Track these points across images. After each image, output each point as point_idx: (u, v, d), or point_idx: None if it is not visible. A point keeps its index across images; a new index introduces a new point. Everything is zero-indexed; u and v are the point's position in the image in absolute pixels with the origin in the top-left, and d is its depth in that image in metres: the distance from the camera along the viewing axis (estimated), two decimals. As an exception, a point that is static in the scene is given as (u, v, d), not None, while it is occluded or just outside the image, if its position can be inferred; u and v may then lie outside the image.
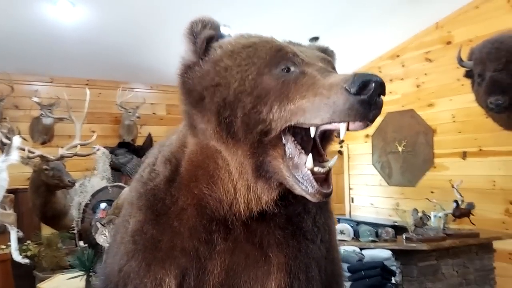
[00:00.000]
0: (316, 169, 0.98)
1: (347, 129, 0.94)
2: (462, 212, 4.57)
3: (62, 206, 4.76)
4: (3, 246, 4.23)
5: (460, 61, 4.92)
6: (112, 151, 5.73)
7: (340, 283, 1.34)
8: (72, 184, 4.54)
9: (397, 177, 6.44)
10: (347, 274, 3.88)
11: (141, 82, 6.81)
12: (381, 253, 4.13)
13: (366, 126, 0.95)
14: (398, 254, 4.30)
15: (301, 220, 1.19)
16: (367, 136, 6.94)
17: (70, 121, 4.82)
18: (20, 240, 4.11)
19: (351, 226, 4.70)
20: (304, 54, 1.07)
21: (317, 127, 0.97)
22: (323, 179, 0.98)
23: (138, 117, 6.33)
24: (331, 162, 1.02)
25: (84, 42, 5.20)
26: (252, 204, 1.08)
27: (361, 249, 4.26)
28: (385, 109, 6.48)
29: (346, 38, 5.84)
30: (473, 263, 4.50)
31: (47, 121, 5.68)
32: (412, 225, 4.46)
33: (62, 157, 4.43)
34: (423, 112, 6.14)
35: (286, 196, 1.09)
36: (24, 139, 4.91)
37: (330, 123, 0.94)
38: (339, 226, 4.69)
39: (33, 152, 4.20)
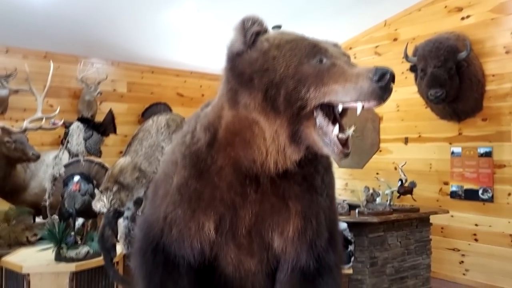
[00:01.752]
0: (340, 135, 1.26)
1: (363, 107, 1.24)
2: (405, 190, 5.14)
3: (21, 180, 4.64)
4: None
5: (406, 57, 5.52)
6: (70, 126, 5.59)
7: (338, 227, 1.70)
8: (37, 157, 4.44)
9: (347, 159, 6.96)
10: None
11: (102, 57, 6.64)
12: (341, 225, 4.57)
13: (379, 104, 1.24)
14: (351, 226, 4.76)
15: (313, 178, 1.49)
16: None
17: (25, 94, 4.67)
18: None
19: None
20: (332, 50, 1.35)
21: (342, 104, 1.26)
22: (345, 143, 1.28)
23: (100, 93, 6.21)
24: (350, 131, 1.31)
25: (43, 13, 4.98)
26: (280, 164, 1.36)
27: (319, 222, 4.70)
28: (338, 97, 7.03)
29: (305, 28, 6.15)
30: (413, 235, 5.10)
31: (2, 92, 5.40)
32: (364, 201, 4.96)
33: (25, 130, 4.32)
34: (371, 101, 6.70)
35: (303, 160, 1.37)
36: None
37: (356, 101, 1.23)
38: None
39: None
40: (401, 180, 5.14)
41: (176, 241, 1.47)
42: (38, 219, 4.60)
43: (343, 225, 4.58)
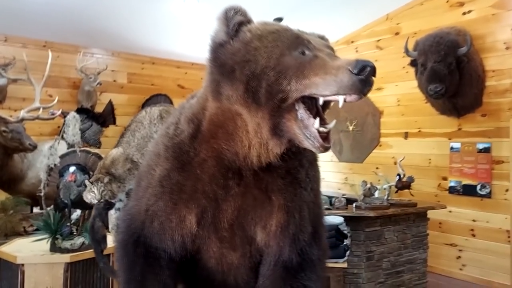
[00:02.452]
0: (320, 129, 1.24)
1: (344, 101, 1.21)
2: (403, 184, 5.12)
3: (18, 170, 4.63)
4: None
5: (406, 51, 5.49)
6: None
7: (322, 222, 1.70)
8: (33, 147, 4.42)
9: (347, 153, 6.99)
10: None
11: (102, 48, 6.63)
12: (335, 219, 4.57)
13: (360, 98, 1.22)
14: (348, 220, 4.77)
15: (297, 172, 1.48)
16: (319, 116, 7.38)
17: (24, 83, 4.64)
18: None
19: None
20: (315, 41, 1.34)
21: (323, 97, 1.23)
22: (325, 137, 1.25)
23: (99, 84, 6.20)
24: (331, 124, 1.28)
25: (43, 1, 4.98)
26: (263, 157, 1.35)
27: (316, 215, 4.71)
28: (338, 91, 7.00)
29: (306, 22, 6.16)
30: (410, 229, 5.10)
31: (0, 81, 5.41)
32: (361, 195, 4.96)
33: (22, 120, 4.28)
34: (372, 95, 6.65)
35: (287, 153, 1.35)
36: None
37: (336, 94, 1.20)
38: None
39: None
40: (399, 175, 5.13)
41: (157, 234, 1.47)
42: (36, 209, 4.62)
43: (339, 219, 4.59)
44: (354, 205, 4.99)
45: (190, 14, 5.75)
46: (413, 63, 5.50)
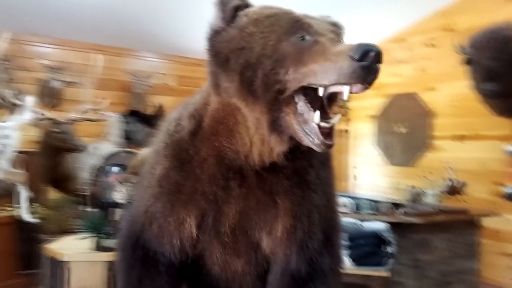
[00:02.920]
0: (322, 124, 1.12)
1: (350, 92, 1.10)
2: (454, 190, 4.87)
3: (70, 169, 4.78)
4: (9, 208, 4.28)
5: (459, 48, 5.17)
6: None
7: (337, 228, 1.53)
8: (82, 148, 4.58)
9: (398, 157, 6.73)
10: (347, 242, 4.19)
11: (152, 51, 6.75)
12: (379, 225, 4.42)
13: (365, 89, 1.10)
14: (394, 226, 4.59)
15: (306, 173, 1.36)
16: (372, 117, 7.18)
17: (78, 86, 4.83)
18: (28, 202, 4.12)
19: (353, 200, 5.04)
20: (317, 26, 1.21)
21: (325, 88, 1.12)
22: (328, 133, 1.13)
23: (150, 87, 6.35)
24: (335, 119, 1.16)
25: (95, 6, 5.15)
26: (265, 156, 1.25)
27: (361, 221, 4.56)
28: (390, 91, 6.77)
29: (352, 18, 5.97)
30: (461, 237, 4.81)
31: (55, 84, 5.69)
32: (408, 200, 4.77)
33: (72, 121, 4.47)
34: (424, 95, 6.38)
35: (294, 151, 1.24)
36: None
37: (336, 84, 1.08)
38: (340, 200, 5.00)
39: (43, 114, 4.20)
40: (450, 179, 4.87)
41: (155, 237, 1.39)
42: (83, 208, 4.84)
43: (382, 225, 4.44)
44: (400, 210, 4.81)
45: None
46: (467, 61, 5.18)
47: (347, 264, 4.07)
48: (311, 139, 1.12)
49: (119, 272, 1.51)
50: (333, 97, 1.19)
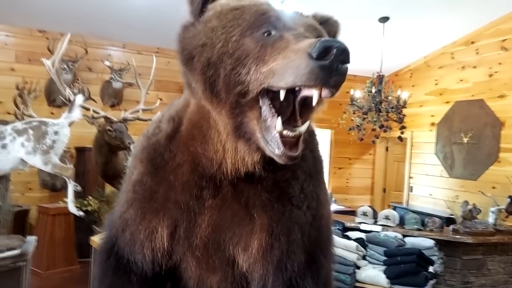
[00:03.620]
0: (285, 132, 0.98)
1: (320, 96, 0.95)
2: (517, 209, 4.40)
3: (122, 166, 4.85)
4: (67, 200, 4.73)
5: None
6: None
7: (326, 250, 1.34)
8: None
9: (459, 169, 6.23)
10: (383, 258, 3.97)
11: None
12: (424, 242, 4.13)
13: (331, 94, 0.94)
14: (442, 244, 4.27)
15: (288, 186, 1.21)
16: (432, 124, 6.72)
17: (137, 87, 4.86)
18: (82, 195, 4.38)
19: (404, 213, 4.75)
20: (288, 19, 1.07)
21: (286, 90, 0.97)
22: (293, 143, 1.00)
23: None
24: (302, 127, 1.02)
25: (155, 10, 5.24)
26: (239, 164, 1.11)
27: (404, 236, 4.30)
28: (454, 98, 6.33)
29: (416, 20, 5.66)
30: (522, 262, 4.35)
31: (116, 85, 5.93)
32: (460, 217, 4.39)
33: (125, 120, 4.54)
34: (493, 103, 5.82)
35: (275, 161, 1.06)
36: (94, 100, 5.15)
37: (293, 86, 0.94)
38: (385, 212, 4.75)
39: (98, 113, 4.34)
40: (510, 197, 4.41)
41: (127, 245, 1.29)
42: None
43: (429, 242, 4.14)
44: (451, 228, 4.46)
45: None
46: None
47: (382, 281, 3.86)
48: (272, 149, 0.99)
49: (94, 278, 1.45)
50: (308, 103, 1.01)
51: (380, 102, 5.23)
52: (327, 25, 1.24)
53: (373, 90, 5.22)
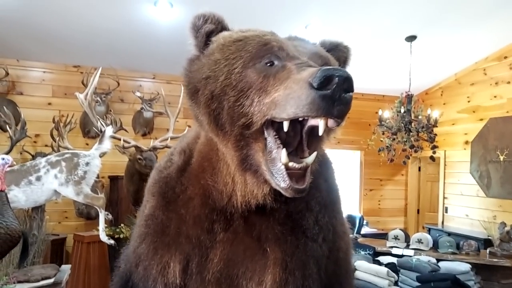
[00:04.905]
0: (291, 164, 0.96)
1: (326, 126, 0.94)
2: (560, 231, 4.17)
3: None
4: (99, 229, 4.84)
5: None
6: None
7: (345, 284, 1.31)
8: None
9: (497, 188, 5.97)
10: (416, 284, 3.83)
11: None
12: (459, 266, 3.97)
13: (337, 124, 0.93)
14: (480, 268, 4.09)
15: (302, 217, 1.18)
16: (466, 142, 6.51)
17: (166, 115, 5.02)
18: (114, 223, 4.49)
19: (438, 236, 4.58)
20: (295, 48, 1.07)
21: (289, 121, 0.97)
22: (300, 175, 0.98)
23: None
24: (310, 158, 1.00)
25: (182, 41, 5.58)
26: (249, 197, 1.10)
27: (438, 260, 4.15)
28: (488, 114, 6.13)
29: (444, 37, 5.56)
30: None
31: (147, 114, 6.09)
32: (497, 240, 4.20)
33: (154, 148, 4.66)
34: (530, 120, 5.61)
35: None
36: (126, 130, 5.35)
37: (295, 117, 0.93)
38: (417, 235, 4.61)
39: (129, 142, 4.47)
40: (552, 218, 4.18)
41: (141, 280, 1.28)
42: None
43: (465, 267, 3.97)
44: (488, 251, 4.27)
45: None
46: None
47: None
48: (277, 182, 0.97)
49: None
50: (316, 133, 0.99)
51: (409, 121, 5.13)
52: (337, 51, 1.23)
53: (402, 110, 5.14)
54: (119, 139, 4.37)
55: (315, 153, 1.01)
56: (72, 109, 5.34)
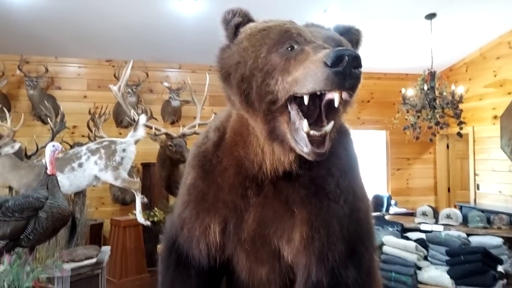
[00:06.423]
0: (312, 132, 1.12)
1: (341, 98, 1.09)
2: None
3: None
4: (136, 212, 5.05)
5: None
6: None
7: (366, 242, 1.42)
8: None
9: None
10: (446, 257, 3.85)
11: None
12: (491, 241, 3.96)
13: (350, 96, 1.08)
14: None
15: (324, 182, 1.34)
16: (495, 117, 6.40)
17: (193, 104, 5.15)
18: (148, 207, 4.67)
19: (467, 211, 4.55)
20: (312, 34, 1.22)
21: (309, 95, 1.11)
22: (320, 142, 1.13)
23: None
24: (328, 127, 1.15)
25: (206, 32, 5.57)
26: (277, 164, 1.26)
27: (468, 235, 4.15)
28: (517, 86, 5.98)
29: (466, 13, 5.47)
30: None
31: (175, 103, 6.32)
32: (529, 214, 4.18)
33: (183, 135, 4.85)
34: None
35: (309, 160, 1.19)
36: (156, 119, 5.59)
37: (313, 92, 1.08)
38: (446, 210, 4.62)
39: (159, 130, 4.68)
40: None
41: (186, 241, 1.47)
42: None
43: (497, 241, 3.98)
44: (520, 224, 4.26)
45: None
46: None
47: (446, 282, 3.75)
48: (301, 147, 1.13)
49: (159, 273, 1.64)
50: (332, 105, 1.15)
51: (433, 99, 5.11)
52: (349, 34, 1.38)
53: (425, 87, 5.12)
54: (151, 128, 4.56)
55: (332, 122, 1.17)
56: (106, 101, 5.61)
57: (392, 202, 6.68)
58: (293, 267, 1.38)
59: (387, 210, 6.27)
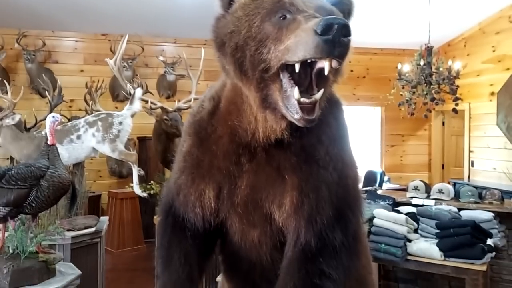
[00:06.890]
0: (302, 99, 1.16)
1: (331, 66, 1.12)
2: None
3: None
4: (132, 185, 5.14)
5: None
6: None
7: (354, 207, 1.49)
8: None
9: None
10: (435, 230, 3.93)
11: None
12: (481, 215, 3.99)
13: (339, 64, 1.13)
14: (505, 218, 4.15)
15: (314, 149, 1.39)
16: (492, 93, 6.40)
17: (188, 78, 5.21)
18: (144, 180, 4.76)
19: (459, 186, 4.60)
20: (304, 3, 1.24)
21: (300, 63, 1.14)
22: (310, 109, 1.18)
23: None
24: (318, 94, 1.20)
25: (203, 5, 5.55)
26: (269, 132, 1.31)
27: (459, 209, 4.21)
28: (515, 63, 5.97)
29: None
30: None
31: (170, 77, 6.39)
32: (520, 189, 4.25)
33: (179, 109, 4.96)
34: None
35: (301, 128, 1.26)
36: (151, 93, 5.57)
37: (304, 59, 1.12)
38: (438, 185, 4.68)
39: (155, 104, 4.79)
40: None
41: (182, 205, 1.54)
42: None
43: (487, 215, 4.04)
44: (512, 199, 4.32)
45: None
46: None
47: (435, 254, 3.83)
48: (291, 114, 1.18)
49: (156, 235, 1.73)
50: (323, 74, 1.18)
51: (430, 74, 5.10)
52: (341, 5, 1.40)
53: (422, 63, 5.11)
54: (147, 102, 4.59)
55: (322, 90, 1.21)
56: (102, 75, 5.63)
57: (385, 178, 6.75)
58: (284, 230, 1.46)
59: (380, 186, 6.34)
